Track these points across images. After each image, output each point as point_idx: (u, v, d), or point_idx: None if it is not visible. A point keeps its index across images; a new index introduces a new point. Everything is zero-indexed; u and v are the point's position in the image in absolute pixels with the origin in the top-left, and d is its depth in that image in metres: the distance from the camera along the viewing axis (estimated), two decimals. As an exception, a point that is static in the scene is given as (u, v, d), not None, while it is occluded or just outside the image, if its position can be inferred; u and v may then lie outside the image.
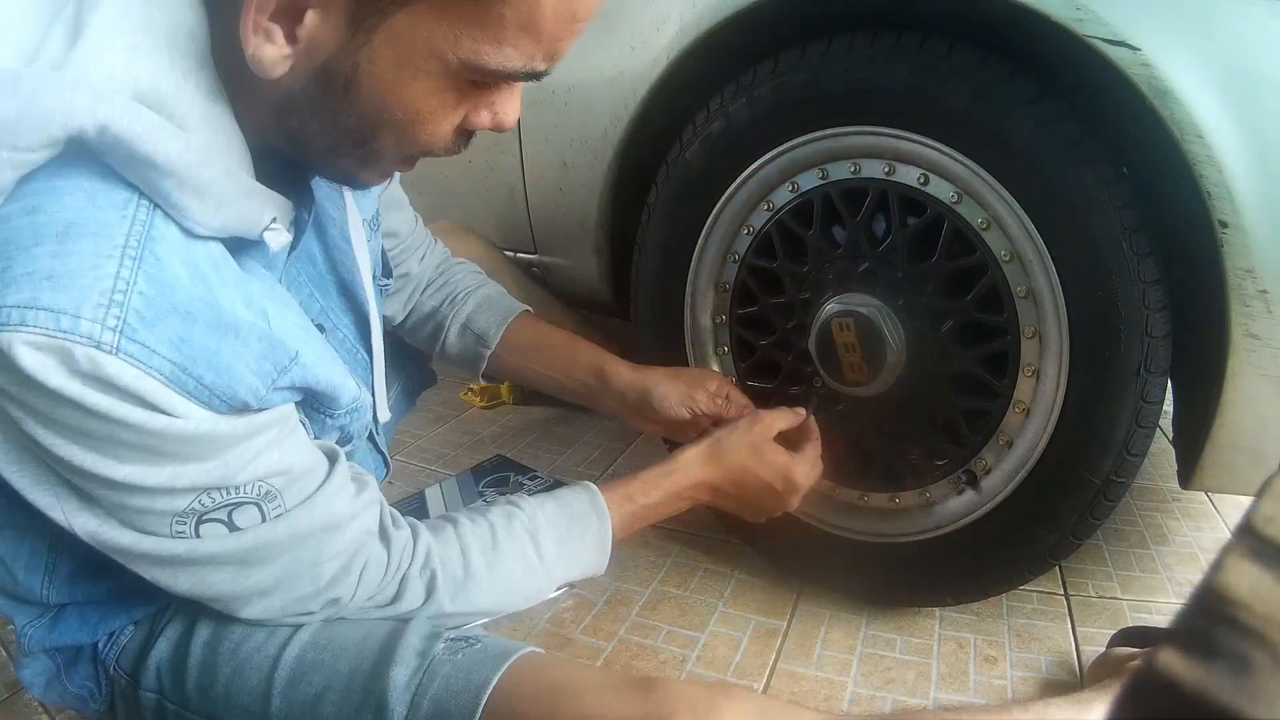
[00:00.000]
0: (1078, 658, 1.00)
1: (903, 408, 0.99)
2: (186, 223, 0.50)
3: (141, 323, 0.47)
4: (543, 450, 1.59)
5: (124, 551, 0.56)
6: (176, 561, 0.57)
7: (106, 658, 0.71)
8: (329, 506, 0.62)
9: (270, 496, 0.58)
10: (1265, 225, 0.73)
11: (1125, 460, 0.86)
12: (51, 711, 0.91)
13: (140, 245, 0.48)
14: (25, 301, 0.45)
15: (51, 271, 0.45)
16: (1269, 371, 0.76)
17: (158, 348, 0.48)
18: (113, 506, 0.54)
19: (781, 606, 1.11)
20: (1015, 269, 0.88)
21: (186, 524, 0.56)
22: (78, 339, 0.45)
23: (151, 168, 0.48)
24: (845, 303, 0.96)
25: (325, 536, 0.62)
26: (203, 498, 0.55)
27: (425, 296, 1.05)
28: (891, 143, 0.90)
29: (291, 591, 0.63)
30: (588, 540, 0.80)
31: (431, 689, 0.60)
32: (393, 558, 0.67)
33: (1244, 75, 0.72)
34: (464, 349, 1.03)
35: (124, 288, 0.47)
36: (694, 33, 0.98)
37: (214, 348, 0.50)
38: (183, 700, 0.67)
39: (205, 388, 0.51)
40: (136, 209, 0.49)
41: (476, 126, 0.58)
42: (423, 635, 0.64)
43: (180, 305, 0.49)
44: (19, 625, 0.69)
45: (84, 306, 0.46)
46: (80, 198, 0.47)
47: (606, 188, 1.16)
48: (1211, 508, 1.35)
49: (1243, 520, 0.25)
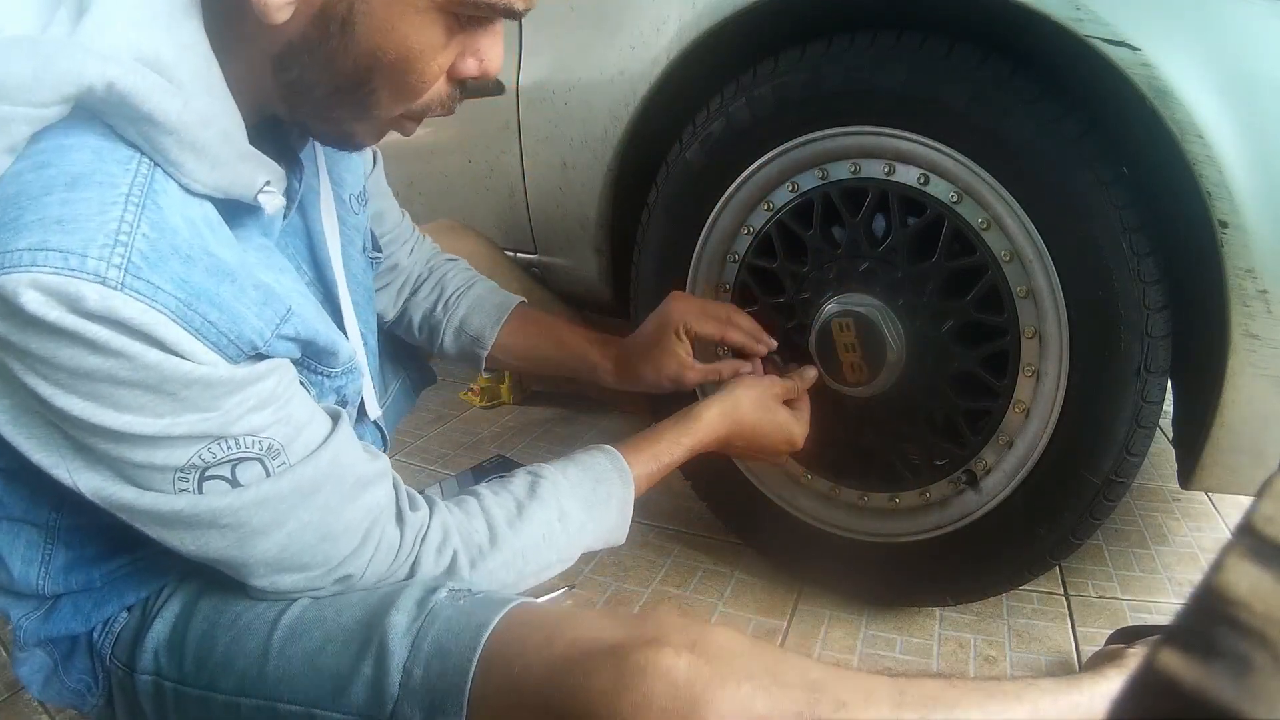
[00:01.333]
0: (1078, 658, 1.00)
1: (903, 408, 0.99)
2: (184, 180, 0.53)
3: (145, 262, 0.50)
4: (543, 450, 1.59)
5: (128, 508, 0.56)
6: (180, 520, 0.57)
7: (102, 648, 0.71)
8: (335, 461, 0.62)
9: (274, 452, 0.58)
10: (1265, 225, 0.73)
11: (1125, 460, 0.86)
12: (52, 711, 0.91)
13: (143, 194, 0.51)
14: (34, 244, 0.47)
15: (60, 217, 0.48)
16: (1269, 371, 0.76)
17: (163, 285, 0.50)
18: (115, 462, 0.54)
19: (781, 606, 1.11)
20: (1015, 269, 0.88)
21: (189, 480, 0.55)
22: (85, 275, 0.47)
23: (153, 125, 0.51)
24: (845, 303, 0.96)
25: (333, 495, 0.61)
26: (203, 452, 0.55)
27: (418, 298, 1.05)
28: (891, 143, 0.90)
29: (302, 568, 0.62)
30: (611, 505, 0.81)
31: (432, 631, 0.60)
32: (405, 539, 0.67)
33: (1244, 75, 0.72)
34: (461, 350, 1.05)
35: (128, 230, 0.49)
36: (694, 33, 0.98)
37: (214, 290, 0.53)
38: (180, 676, 0.67)
39: (211, 324, 0.52)
40: (139, 164, 0.52)
41: (464, 73, 0.61)
42: (424, 587, 0.65)
43: (181, 249, 0.52)
44: (14, 618, 0.69)
45: (90, 246, 0.48)
46: (87, 153, 0.50)
47: (606, 188, 1.16)
48: (1211, 508, 1.35)
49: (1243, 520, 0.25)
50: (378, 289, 0.98)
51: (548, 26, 1.17)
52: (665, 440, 0.89)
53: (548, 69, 1.19)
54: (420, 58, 0.58)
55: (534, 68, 1.20)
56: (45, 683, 0.72)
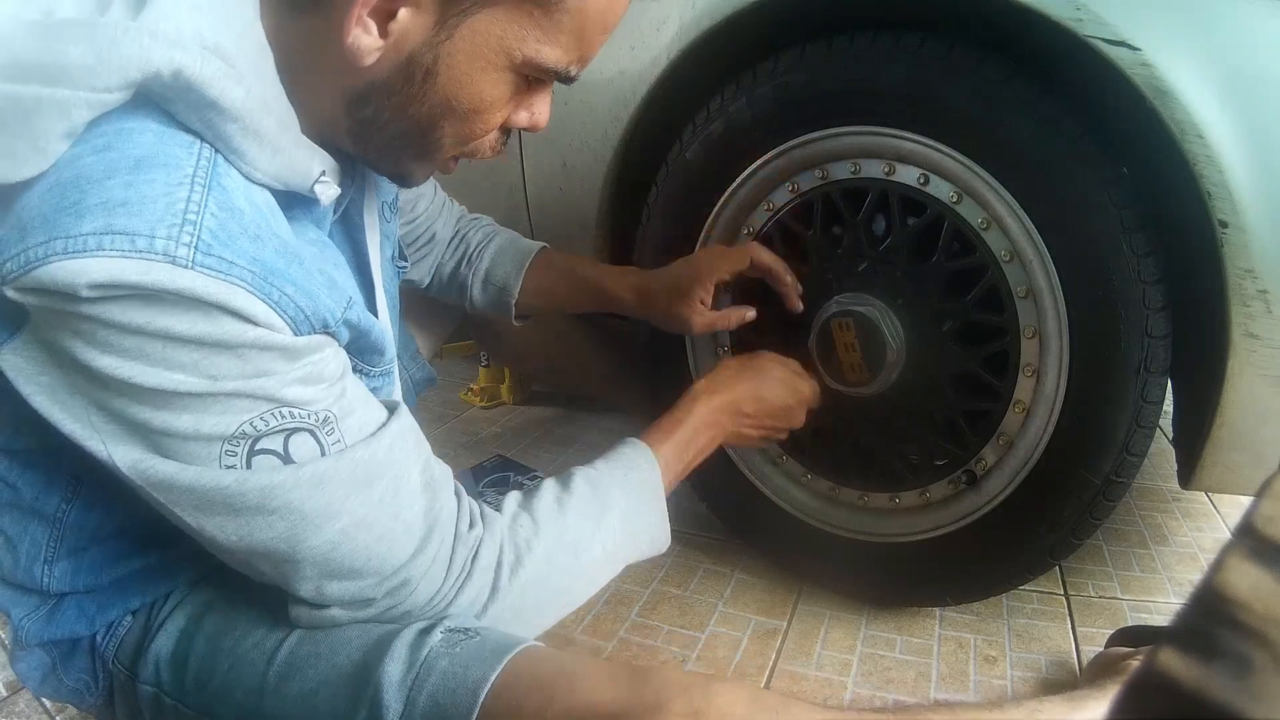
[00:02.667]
0: (1078, 658, 1.00)
1: (903, 408, 0.99)
2: (245, 168, 0.54)
3: (216, 240, 0.49)
4: (543, 450, 1.59)
5: (167, 484, 0.53)
6: (225, 500, 0.54)
7: (105, 650, 0.71)
8: (394, 448, 0.60)
9: (328, 424, 0.56)
10: (1265, 225, 0.73)
11: (1125, 460, 0.86)
12: (52, 710, 0.91)
13: (208, 176, 0.51)
14: (99, 229, 0.46)
15: (125, 200, 0.48)
16: (1269, 371, 0.76)
17: (236, 260, 0.50)
18: (158, 435, 0.52)
19: (781, 606, 1.11)
20: (1015, 269, 0.88)
21: (237, 452, 0.53)
22: (155, 256, 0.47)
23: (218, 112, 0.51)
24: (845, 303, 0.96)
25: (392, 490, 0.59)
26: (255, 420, 0.53)
27: (445, 261, 1.09)
28: (891, 143, 0.90)
29: (353, 573, 0.59)
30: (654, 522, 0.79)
31: (428, 685, 0.59)
32: (458, 556, 0.64)
33: (1244, 75, 0.72)
34: (490, 301, 1.08)
35: (196, 210, 0.49)
36: (694, 33, 0.98)
37: (285, 268, 0.53)
38: (180, 695, 0.67)
39: (289, 298, 0.52)
40: (201, 148, 0.52)
41: (515, 125, 0.65)
42: (417, 629, 0.62)
43: (249, 229, 0.52)
44: (15, 618, 0.68)
45: (159, 227, 0.48)
46: (149, 136, 0.50)
47: (606, 188, 1.16)
48: (1211, 508, 1.35)
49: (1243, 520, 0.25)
50: (417, 259, 1.05)
51: (548, 26, 1.17)
52: (685, 401, 0.87)
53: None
54: (489, 109, 0.61)
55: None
56: (43, 680, 0.72)
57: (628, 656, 1.02)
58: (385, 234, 0.81)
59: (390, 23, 0.54)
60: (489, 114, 0.61)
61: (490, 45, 0.57)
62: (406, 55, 0.56)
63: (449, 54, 0.57)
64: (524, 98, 0.63)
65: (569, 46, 0.59)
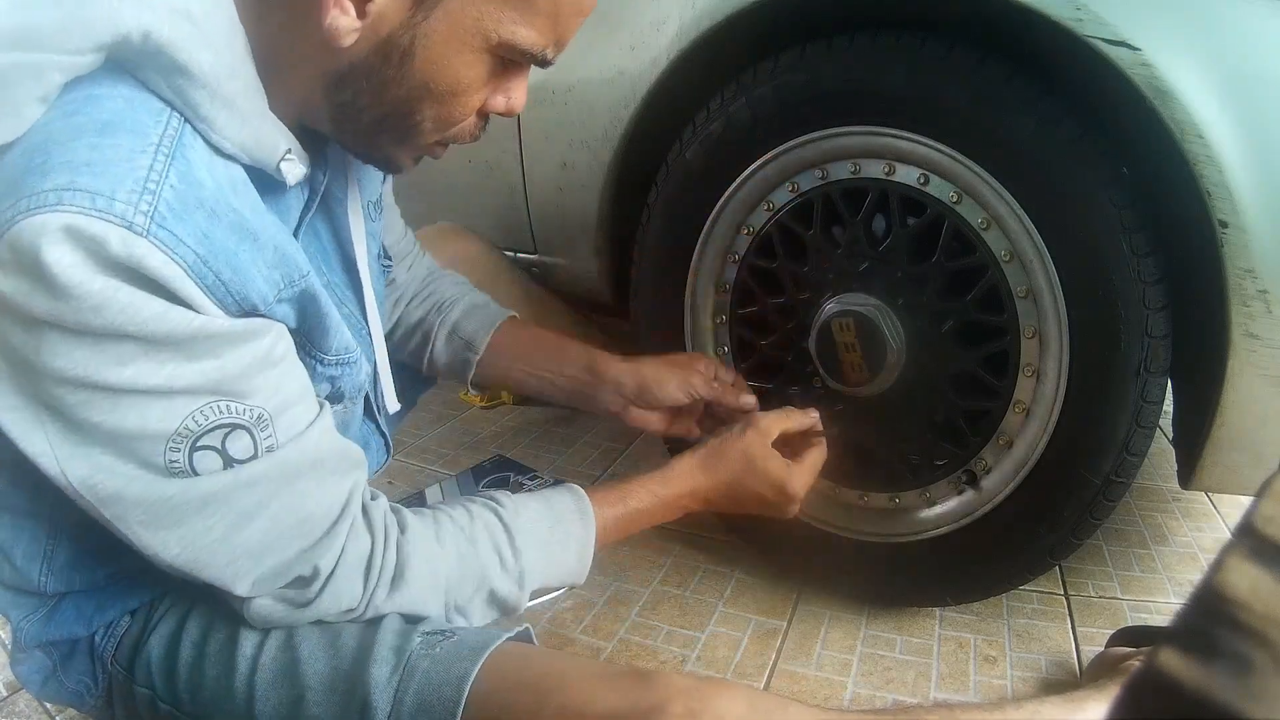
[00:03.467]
0: (1078, 658, 1.00)
1: (903, 408, 0.99)
2: (214, 137, 0.54)
3: (171, 213, 0.50)
4: (543, 450, 1.59)
5: (115, 500, 0.54)
6: (169, 509, 0.56)
7: (104, 651, 0.71)
8: (318, 446, 0.62)
9: (263, 422, 0.57)
10: (1265, 225, 0.73)
11: (1125, 460, 0.86)
12: (52, 711, 0.91)
13: (173, 146, 0.52)
14: (62, 185, 0.47)
15: (89, 160, 0.48)
16: (1269, 371, 0.76)
17: (185, 238, 0.51)
18: (106, 435, 0.53)
19: (781, 606, 1.11)
20: (1015, 269, 0.88)
21: (180, 451, 0.54)
22: (112, 218, 0.48)
23: (187, 77, 0.52)
24: (845, 303, 0.96)
25: (313, 480, 0.61)
26: (197, 414, 0.54)
27: (411, 307, 1.03)
28: (891, 143, 0.90)
29: (280, 552, 0.60)
30: (570, 546, 0.77)
31: (413, 685, 0.60)
32: (375, 530, 0.66)
33: (1244, 75, 0.72)
34: (452, 356, 1.00)
35: (157, 179, 0.50)
36: (694, 33, 0.98)
37: (233, 249, 0.54)
38: (174, 701, 0.67)
39: (222, 284, 0.53)
40: (170, 117, 0.53)
41: (492, 109, 0.66)
42: (396, 631, 0.64)
43: (206, 203, 0.52)
44: (14, 620, 0.69)
45: (119, 191, 0.48)
46: (118, 102, 0.51)
47: (606, 188, 1.16)
48: (1211, 508, 1.35)
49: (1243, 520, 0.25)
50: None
51: (548, 26, 1.17)
52: (636, 485, 0.84)
53: (548, 69, 1.18)
54: (466, 91, 0.62)
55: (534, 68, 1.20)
56: (44, 683, 0.72)
57: (628, 657, 1.02)
58: (372, 233, 0.82)
59: (368, 4, 0.55)
60: (466, 96, 0.62)
61: (467, 27, 0.58)
62: (384, 36, 0.57)
63: (426, 35, 0.57)
64: (500, 81, 0.64)
65: (544, 29, 0.60)
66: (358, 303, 0.77)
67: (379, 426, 0.86)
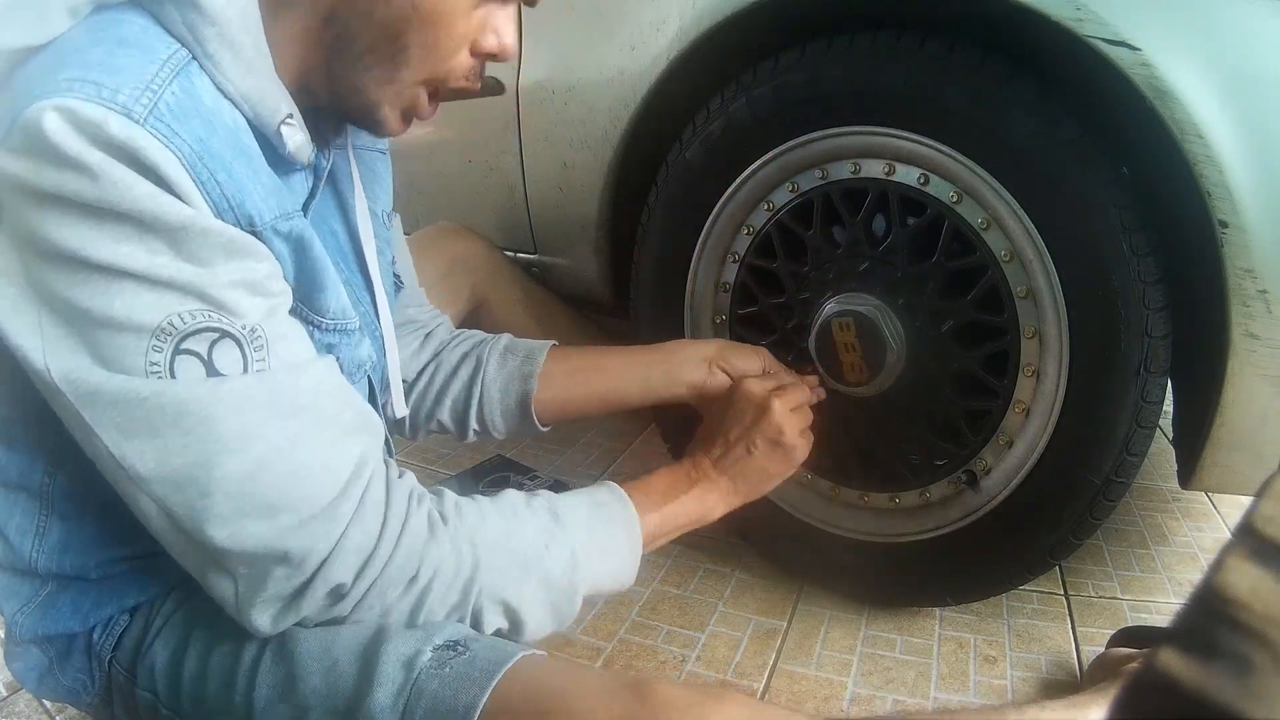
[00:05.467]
0: (1078, 658, 1.00)
1: (903, 408, 0.99)
2: (219, 77, 0.57)
3: (170, 112, 0.53)
4: (543, 450, 1.59)
5: (92, 399, 0.53)
6: (145, 416, 0.53)
7: (102, 649, 0.70)
8: (318, 387, 0.59)
9: (256, 338, 0.55)
10: (1265, 225, 0.73)
11: (1125, 460, 0.86)
12: (52, 711, 0.91)
13: (179, 67, 0.55)
14: (74, 77, 0.51)
15: (102, 61, 0.53)
16: (1269, 371, 0.76)
17: (182, 133, 0.53)
18: (94, 322, 0.52)
19: (781, 606, 1.11)
20: (1015, 269, 0.88)
21: (163, 352, 0.53)
22: (114, 106, 0.51)
23: (199, 12, 0.55)
24: (845, 303, 0.96)
25: (310, 425, 0.57)
26: (183, 313, 0.53)
27: (449, 350, 0.97)
28: (891, 143, 0.90)
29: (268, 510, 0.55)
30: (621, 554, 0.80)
31: (419, 711, 0.57)
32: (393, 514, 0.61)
33: (1244, 75, 0.72)
34: (507, 380, 0.94)
35: (160, 84, 0.54)
36: (694, 33, 0.98)
37: (229, 159, 0.56)
38: (176, 708, 0.66)
39: (218, 184, 0.55)
40: (179, 49, 0.56)
41: (485, 47, 0.66)
42: (406, 643, 0.60)
43: (205, 114, 0.55)
44: (9, 614, 0.68)
45: (124, 86, 0.52)
46: (136, 28, 0.56)
47: (606, 188, 1.16)
48: (1211, 508, 1.35)
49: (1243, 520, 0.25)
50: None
51: (547, 26, 1.17)
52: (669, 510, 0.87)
53: (548, 69, 1.19)
54: (449, 17, 0.62)
55: (534, 68, 1.20)
56: (40, 679, 0.72)
57: (628, 657, 1.02)
58: (384, 239, 0.82)
59: None
60: (451, 22, 0.63)
61: None
62: None
63: None
64: (489, 16, 0.65)
65: None
66: (370, 302, 0.77)
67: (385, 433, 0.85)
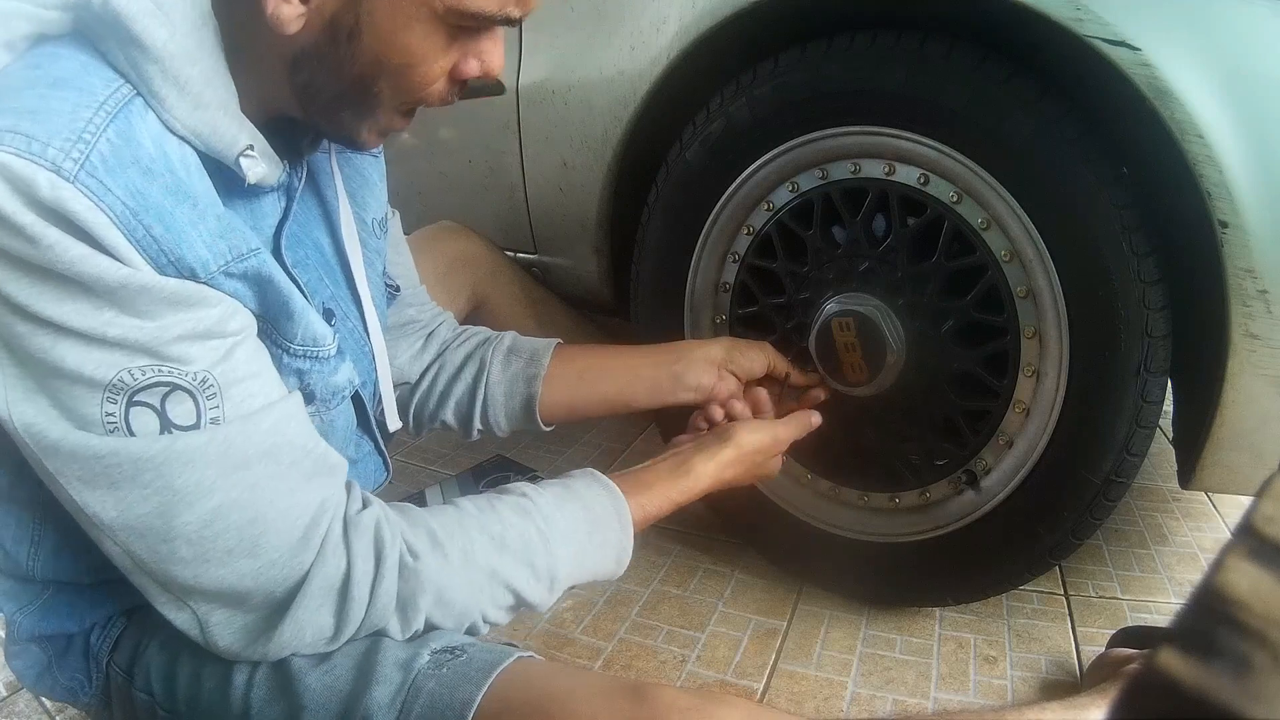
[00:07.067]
0: (1078, 658, 1.00)
1: (903, 407, 0.99)
2: (165, 115, 0.55)
3: (103, 164, 0.51)
4: (543, 450, 1.58)
5: (54, 452, 0.53)
6: (103, 469, 0.53)
7: (99, 650, 0.71)
8: (276, 431, 0.58)
9: (208, 388, 0.55)
10: (1265, 225, 0.73)
11: (1125, 460, 0.86)
12: (52, 711, 0.91)
13: (117, 109, 0.53)
14: (6, 127, 0.49)
15: (35, 108, 0.51)
16: (1269, 371, 0.76)
17: (113, 189, 0.51)
18: (47, 373, 0.52)
19: (781, 606, 1.11)
20: (1015, 269, 0.88)
21: (117, 404, 0.53)
22: (43, 162, 0.49)
23: (140, 49, 0.53)
24: (845, 302, 0.96)
25: (268, 474, 0.57)
26: (133, 370, 0.53)
27: (451, 350, 0.97)
28: (891, 143, 0.90)
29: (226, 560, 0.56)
30: (608, 552, 0.74)
31: (415, 708, 0.58)
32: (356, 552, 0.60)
33: (1244, 75, 0.72)
34: (511, 381, 0.94)
35: (94, 132, 0.51)
36: (694, 33, 0.98)
37: (169, 208, 0.54)
38: (173, 709, 0.66)
39: (154, 240, 0.53)
40: (121, 86, 0.54)
41: (467, 74, 0.63)
42: (404, 647, 0.61)
43: (142, 161, 0.53)
44: (9, 613, 0.69)
45: (55, 139, 0.50)
46: (75, 64, 0.54)
47: (606, 188, 1.16)
48: (1211, 508, 1.35)
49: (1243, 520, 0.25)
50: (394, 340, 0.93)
51: (547, 26, 1.17)
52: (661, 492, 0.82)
53: (548, 69, 1.19)
54: (423, 62, 0.60)
55: (534, 68, 1.20)
56: (39, 678, 0.72)
57: (627, 657, 1.02)
58: (375, 250, 0.81)
59: None
60: (424, 67, 0.61)
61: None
62: (329, 19, 0.57)
63: (369, 13, 0.57)
64: (469, 45, 0.62)
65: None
66: (359, 316, 0.77)
67: (377, 445, 0.83)
